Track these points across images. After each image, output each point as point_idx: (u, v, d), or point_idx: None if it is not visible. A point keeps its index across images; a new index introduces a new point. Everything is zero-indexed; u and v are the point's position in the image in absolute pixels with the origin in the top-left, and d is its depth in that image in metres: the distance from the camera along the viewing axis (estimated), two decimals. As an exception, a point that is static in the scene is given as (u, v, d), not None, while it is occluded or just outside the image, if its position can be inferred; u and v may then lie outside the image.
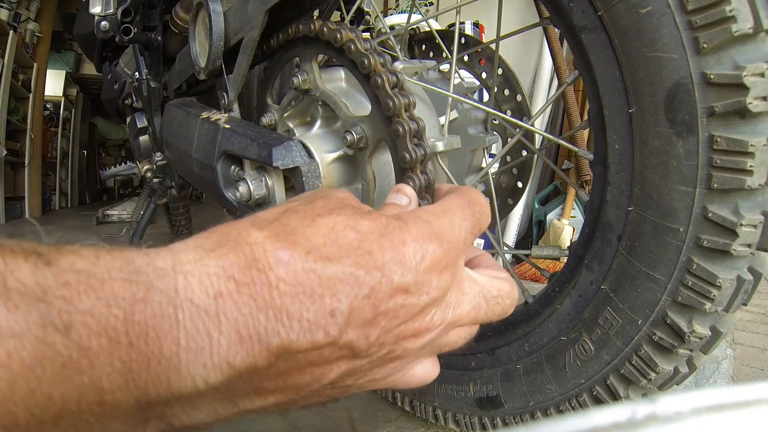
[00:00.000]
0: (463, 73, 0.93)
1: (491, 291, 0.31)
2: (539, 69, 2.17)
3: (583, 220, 0.57)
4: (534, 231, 2.11)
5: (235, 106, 0.65)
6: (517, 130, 0.78)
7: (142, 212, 1.54)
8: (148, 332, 0.21)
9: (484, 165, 0.83)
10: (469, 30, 2.19)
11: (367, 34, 0.50)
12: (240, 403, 0.25)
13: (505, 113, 0.89)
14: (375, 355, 0.26)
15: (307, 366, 0.25)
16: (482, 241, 2.01)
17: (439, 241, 0.27)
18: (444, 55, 0.93)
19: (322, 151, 0.54)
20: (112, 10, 0.95)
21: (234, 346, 0.22)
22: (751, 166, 0.39)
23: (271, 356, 0.23)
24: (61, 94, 4.71)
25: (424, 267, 0.26)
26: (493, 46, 0.83)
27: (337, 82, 0.60)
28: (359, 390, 0.28)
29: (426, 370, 0.31)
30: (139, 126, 1.18)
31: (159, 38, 0.99)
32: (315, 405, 0.28)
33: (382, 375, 0.28)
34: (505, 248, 1.03)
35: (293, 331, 0.23)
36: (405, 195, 0.36)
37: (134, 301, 0.21)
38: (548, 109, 2.17)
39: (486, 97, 1.01)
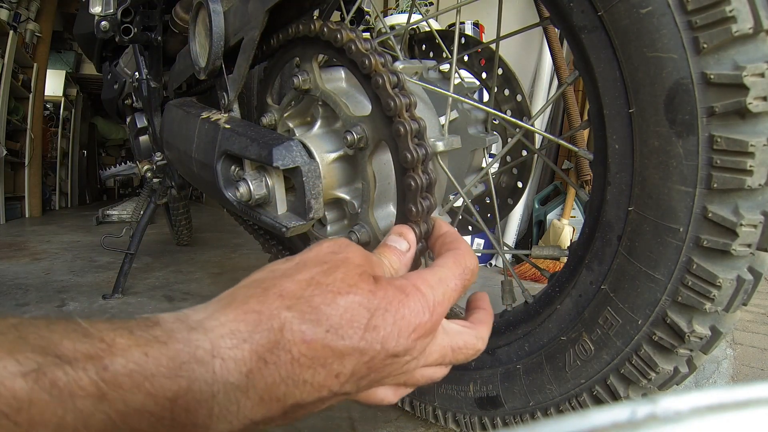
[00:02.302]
0: (463, 73, 0.93)
1: (458, 343, 0.37)
2: (539, 69, 2.17)
3: (583, 220, 0.57)
4: (534, 231, 2.11)
5: (235, 106, 0.65)
6: (517, 130, 0.78)
7: (142, 212, 1.54)
8: (188, 409, 0.25)
9: (484, 165, 0.83)
10: (469, 30, 2.18)
11: (367, 34, 0.50)
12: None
13: (505, 113, 0.89)
14: (356, 392, 0.32)
15: (309, 408, 0.31)
16: (483, 241, 2.01)
17: (430, 313, 0.33)
18: (444, 55, 0.93)
19: (323, 151, 0.54)
20: (112, 10, 0.95)
21: (256, 407, 0.27)
22: (751, 166, 0.39)
23: (284, 409, 0.29)
24: (61, 94, 4.70)
25: (415, 336, 0.32)
26: (493, 46, 0.83)
27: (337, 82, 0.60)
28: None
29: (385, 395, 0.36)
30: (139, 126, 1.19)
31: (159, 38, 0.99)
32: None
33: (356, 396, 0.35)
34: (505, 248, 1.03)
35: (305, 392, 0.29)
36: (406, 241, 0.41)
37: (179, 391, 0.25)
38: (548, 109, 2.17)
39: (486, 97, 1.01)
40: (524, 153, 0.88)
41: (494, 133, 0.83)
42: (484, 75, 0.90)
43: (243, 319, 0.28)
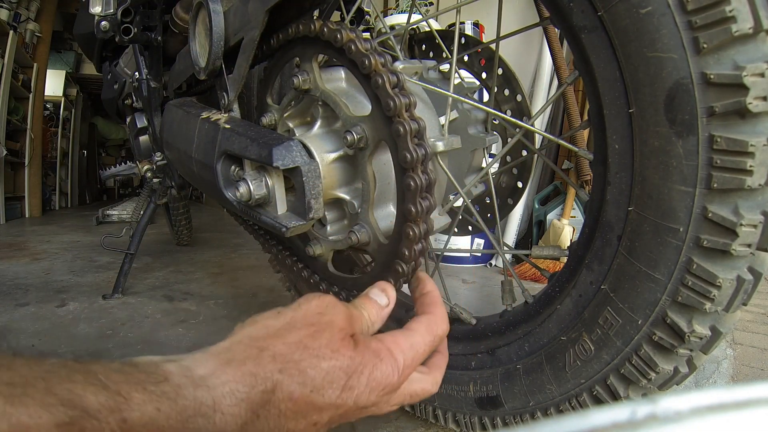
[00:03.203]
0: (463, 73, 0.93)
1: (416, 390, 0.42)
2: (539, 69, 2.17)
3: (583, 220, 0.57)
4: (534, 231, 2.11)
5: (235, 106, 0.65)
6: (517, 130, 0.78)
7: (142, 212, 1.54)
8: None
9: (484, 165, 0.83)
10: (469, 30, 2.18)
11: (367, 34, 0.50)
12: None
13: (505, 113, 0.89)
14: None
15: None
16: (482, 241, 2.01)
17: (399, 375, 0.38)
18: (444, 55, 0.93)
19: (323, 151, 0.54)
20: (112, 10, 0.95)
21: None
22: (751, 166, 0.39)
23: None
24: (61, 94, 4.70)
25: (383, 393, 0.38)
26: (493, 46, 0.83)
27: (337, 82, 0.60)
28: None
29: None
30: (139, 126, 1.18)
31: (159, 38, 0.99)
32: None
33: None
34: (505, 248, 1.03)
35: None
36: (387, 298, 0.45)
37: None
38: (548, 109, 2.17)
39: (486, 97, 1.01)
40: (524, 153, 0.88)
41: (494, 133, 0.83)
42: (484, 75, 0.90)
43: (241, 380, 0.33)
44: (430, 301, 0.47)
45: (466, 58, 0.91)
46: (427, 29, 0.97)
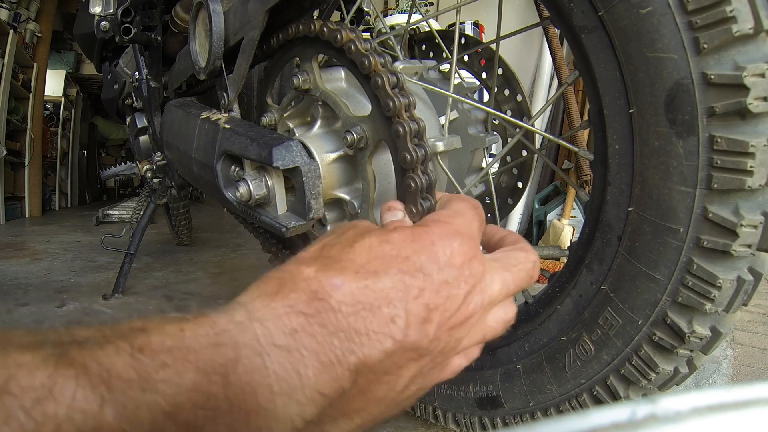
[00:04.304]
0: (463, 73, 0.93)
1: (511, 262, 0.34)
2: (539, 69, 2.17)
3: (583, 220, 0.57)
4: (534, 231, 2.11)
5: (235, 106, 0.65)
6: (517, 130, 0.78)
7: (142, 212, 1.54)
8: (244, 389, 0.22)
9: (484, 165, 0.83)
10: (469, 30, 2.18)
11: (367, 34, 0.50)
12: (328, 430, 0.27)
13: (505, 113, 0.89)
14: (435, 350, 0.28)
15: (383, 375, 0.27)
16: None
17: (461, 236, 0.31)
18: (444, 55, 0.93)
19: (323, 151, 0.54)
20: (112, 10, 0.95)
21: (320, 375, 0.24)
22: (751, 167, 0.39)
23: (352, 375, 0.25)
24: (61, 94, 4.70)
25: (456, 261, 0.29)
26: (493, 46, 0.83)
27: (337, 82, 0.60)
28: (423, 392, 0.31)
29: (471, 355, 0.34)
30: (139, 126, 1.18)
31: (159, 38, 0.99)
32: (389, 419, 0.30)
33: (440, 370, 0.31)
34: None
35: (365, 345, 0.26)
36: (398, 209, 0.40)
37: (227, 363, 0.22)
38: (548, 109, 2.17)
39: (486, 97, 1.01)
40: (524, 153, 0.88)
41: (494, 133, 0.83)
42: (484, 75, 0.90)
43: (266, 284, 0.27)
44: (451, 196, 0.39)
45: (466, 58, 0.91)
46: (427, 29, 0.97)
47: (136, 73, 1.05)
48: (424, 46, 0.99)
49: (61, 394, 0.17)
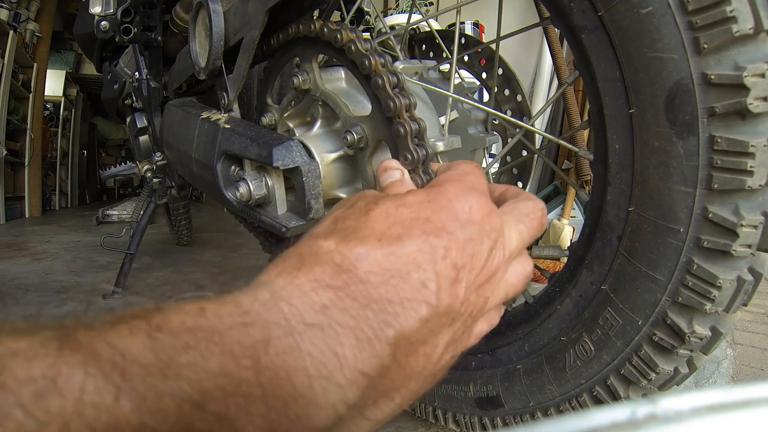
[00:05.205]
0: (463, 73, 0.93)
1: (522, 212, 0.33)
2: (539, 69, 2.17)
3: (583, 220, 0.57)
4: (534, 231, 2.11)
5: (235, 106, 0.65)
6: (517, 130, 0.78)
7: (142, 212, 1.54)
8: (277, 373, 0.20)
9: (484, 165, 0.83)
10: (469, 30, 2.19)
11: (367, 35, 0.50)
12: (370, 414, 0.25)
13: (505, 113, 0.89)
14: (466, 313, 0.28)
15: (420, 346, 0.25)
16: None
17: (476, 192, 0.30)
18: (444, 55, 0.93)
19: (323, 151, 0.54)
20: (112, 10, 0.95)
21: (359, 353, 0.22)
22: (751, 167, 0.39)
23: (392, 349, 0.23)
24: (61, 94, 4.70)
25: (475, 217, 0.29)
26: (493, 46, 0.83)
27: (337, 82, 0.60)
28: (454, 362, 0.30)
29: (492, 319, 0.33)
30: (139, 126, 1.18)
31: (159, 38, 0.99)
32: (426, 394, 0.28)
33: (468, 335, 0.30)
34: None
35: (400, 315, 0.24)
36: (394, 169, 0.38)
37: (256, 344, 0.20)
38: (548, 109, 2.17)
39: (486, 97, 1.01)
40: (524, 153, 0.88)
41: (494, 133, 0.83)
42: (484, 75, 0.90)
43: (285, 261, 0.25)
44: (451, 164, 0.38)
45: (466, 58, 0.91)
46: (427, 29, 0.97)
47: (136, 73, 1.05)
48: (424, 46, 0.99)
49: (66, 385, 0.15)
